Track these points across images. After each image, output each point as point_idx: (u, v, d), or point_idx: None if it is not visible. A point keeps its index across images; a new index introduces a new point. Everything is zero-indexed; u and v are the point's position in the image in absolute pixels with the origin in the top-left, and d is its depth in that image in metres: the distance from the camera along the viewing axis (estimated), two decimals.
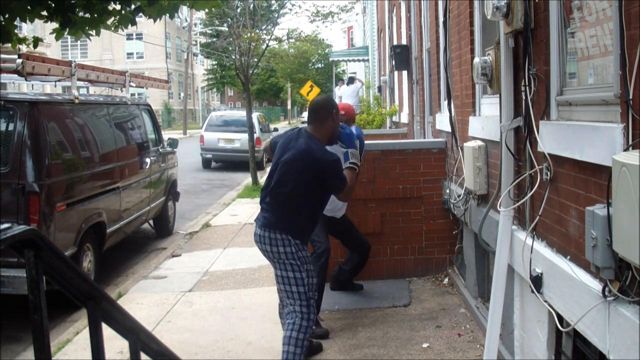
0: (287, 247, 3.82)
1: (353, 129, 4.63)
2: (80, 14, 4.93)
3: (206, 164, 19.22)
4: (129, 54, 52.33)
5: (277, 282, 3.95)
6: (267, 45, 15.97)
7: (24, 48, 7.27)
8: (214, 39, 31.94)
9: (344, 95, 18.89)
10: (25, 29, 21.75)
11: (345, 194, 4.00)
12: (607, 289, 2.35)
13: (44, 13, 4.88)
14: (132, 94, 8.83)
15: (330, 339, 4.74)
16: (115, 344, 3.00)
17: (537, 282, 3.13)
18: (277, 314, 5.30)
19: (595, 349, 2.64)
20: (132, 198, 7.68)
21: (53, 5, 4.79)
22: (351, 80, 19.96)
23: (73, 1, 4.80)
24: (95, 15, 4.87)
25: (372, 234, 6.07)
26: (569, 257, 2.87)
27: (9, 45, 5.23)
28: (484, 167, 4.50)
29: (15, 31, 5.25)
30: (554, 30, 3.11)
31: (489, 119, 4.41)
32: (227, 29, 16.15)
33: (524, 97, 3.39)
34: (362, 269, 5.69)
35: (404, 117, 11.13)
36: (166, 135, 11.12)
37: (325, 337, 4.69)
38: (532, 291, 3.17)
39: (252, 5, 15.51)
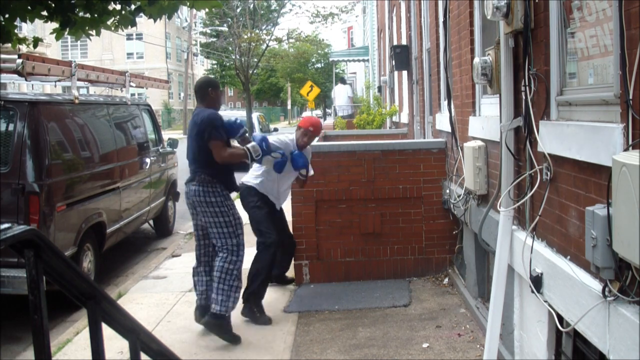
0: (219, 195, 4.72)
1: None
2: (80, 14, 4.94)
3: None
4: (129, 54, 52.34)
5: (199, 230, 4.91)
6: (267, 46, 15.98)
7: (24, 48, 7.27)
8: (214, 39, 31.96)
9: (337, 96, 18.94)
10: (25, 29, 21.75)
11: (220, 155, 4.65)
12: (607, 289, 2.35)
13: (44, 13, 4.88)
14: (132, 94, 8.82)
15: (330, 339, 4.74)
16: (115, 344, 3.00)
17: (537, 282, 3.13)
18: (277, 314, 5.30)
19: (595, 349, 2.64)
20: (132, 198, 7.68)
21: (53, 5, 4.79)
22: (343, 81, 20.16)
23: (73, 1, 4.80)
24: (96, 15, 4.88)
25: (372, 234, 6.07)
26: (569, 257, 2.87)
27: (9, 45, 5.24)
28: (484, 167, 4.51)
29: (15, 31, 5.26)
30: (554, 30, 3.11)
31: (489, 119, 4.41)
32: (227, 29, 16.14)
33: (524, 97, 3.39)
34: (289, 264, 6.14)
35: (404, 117, 11.13)
36: (166, 135, 11.11)
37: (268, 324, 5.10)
38: (532, 291, 3.17)
39: (252, 6, 15.52)
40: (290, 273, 6.38)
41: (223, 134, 4.70)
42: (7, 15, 4.78)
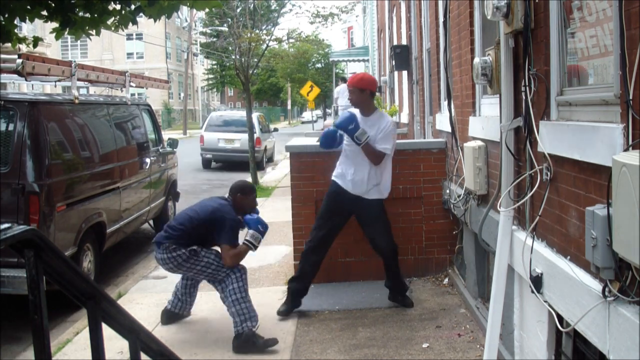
0: (186, 251, 4.81)
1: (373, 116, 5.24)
2: (80, 13, 4.93)
3: (206, 164, 19.21)
4: (129, 54, 52.35)
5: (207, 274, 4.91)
6: (267, 46, 15.96)
7: (24, 48, 7.27)
8: (214, 39, 31.93)
9: (341, 95, 18.95)
10: (25, 29, 21.75)
11: (227, 255, 4.77)
12: (607, 289, 2.35)
13: (44, 13, 4.88)
14: (132, 94, 8.82)
15: (330, 339, 4.74)
16: (115, 344, 3.00)
17: (537, 282, 3.13)
18: (277, 315, 5.30)
19: (595, 349, 2.64)
20: (132, 198, 7.68)
21: (53, 5, 4.79)
22: (344, 80, 20.18)
23: (73, 1, 4.80)
24: (96, 15, 4.87)
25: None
26: (569, 257, 2.87)
27: (9, 45, 5.23)
28: (484, 167, 4.51)
29: (15, 31, 5.25)
30: (554, 30, 3.11)
31: (489, 119, 4.41)
32: (227, 29, 16.14)
33: (524, 97, 3.39)
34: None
35: (404, 117, 11.13)
36: (166, 135, 11.12)
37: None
38: (532, 291, 3.17)
39: (252, 6, 15.51)
40: (290, 273, 6.37)
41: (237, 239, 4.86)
42: (7, 15, 4.77)
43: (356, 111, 5.24)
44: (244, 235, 4.87)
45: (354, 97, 5.22)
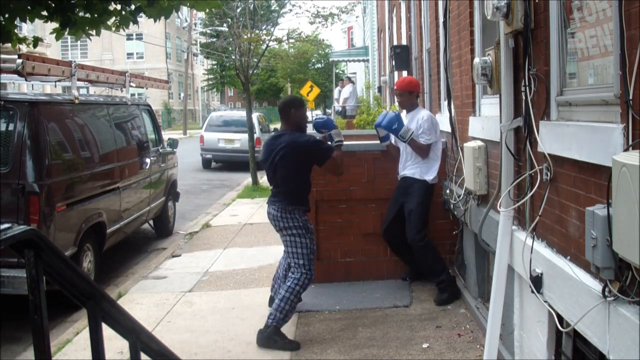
0: (299, 220, 4.77)
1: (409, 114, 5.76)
2: (81, 14, 4.94)
3: (206, 164, 19.22)
4: (129, 54, 52.33)
5: (285, 250, 4.90)
6: (267, 46, 15.96)
7: (24, 48, 7.28)
8: (214, 39, 31.92)
9: (351, 96, 19.03)
10: (25, 29, 21.74)
11: (337, 166, 4.99)
12: (607, 289, 2.35)
13: (44, 13, 4.88)
14: (132, 94, 8.82)
15: (330, 339, 4.74)
16: (115, 344, 3.00)
17: (537, 282, 3.13)
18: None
19: (595, 349, 2.64)
20: (132, 198, 7.68)
21: (53, 5, 4.79)
22: (350, 80, 20.28)
23: (73, 1, 4.80)
24: (96, 15, 4.88)
25: (372, 234, 6.07)
26: (569, 257, 2.87)
27: (9, 45, 5.24)
28: (484, 167, 4.50)
29: (15, 31, 5.25)
30: (554, 30, 3.11)
31: (489, 119, 4.41)
32: (227, 29, 16.14)
33: (524, 98, 3.39)
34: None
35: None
36: (166, 135, 11.12)
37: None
38: (532, 291, 3.17)
39: (252, 6, 15.51)
40: None
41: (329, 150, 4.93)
42: (7, 15, 4.78)
43: (402, 112, 5.76)
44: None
45: (404, 99, 5.75)
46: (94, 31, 5.07)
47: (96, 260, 6.54)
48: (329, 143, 5.03)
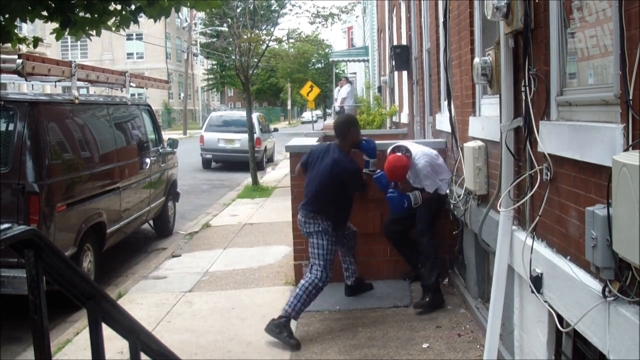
0: (320, 225, 5.05)
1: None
2: (81, 14, 4.93)
3: (206, 164, 19.22)
4: (129, 54, 52.34)
5: (310, 251, 5.17)
6: (267, 46, 15.96)
7: (24, 48, 7.27)
8: (214, 39, 31.93)
9: (349, 96, 19.05)
10: (25, 29, 21.74)
11: (361, 194, 5.49)
12: (607, 289, 2.35)
13: (44, 13, 4.88)
14: (132, 94, 8.82)
15: (330, 339, 4.74)
16: (115, 344, 3.00)
17: (537, 282, 3.13)
18: (276, 314, 5.33)
19: (595, 349, 2.64)
20: (132, 198, 7.68)
21: (53, 5, 4.79)
22: (348, 80, 20.37)
23: (73, 1, 4.80)
24: (96, 15, 4.88)
25: (372, 234, 6.07)
26: (569, 257, 2.87)
27: (9, 45, 5.24)
28: (484, 167, 4.50)
29: (15, 31, 5.25)
30: (554, 30, 3.11)
31: (489, 119, 4.41)
32: (227, 29, 16.15)
33: (524, 98, 3.39)
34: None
35: (404, 118, 11.13)
36: (166, 135, 11.12)
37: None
38: (532, 291, 3.17)
39: (252, 6, 15.51)
40: (290, 273, 6.39)
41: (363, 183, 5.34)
42: (7, 15, 4.77)
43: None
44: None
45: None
46: (94, 31, 5.06)
47: (96, 260, 6.54)
48: (365, 170, 5.41)
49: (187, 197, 12.40)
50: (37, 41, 5.46)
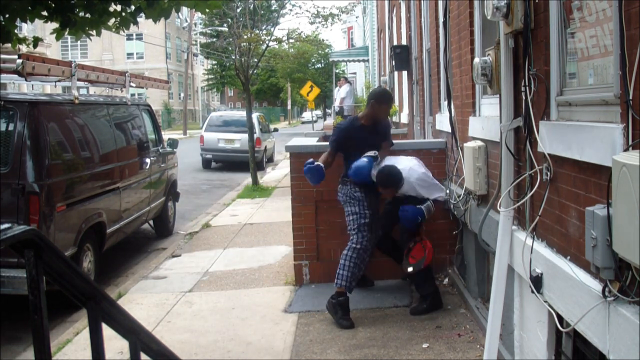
0: (341, 194, 5.36)
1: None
2: (81, 14, 4.93)
3: (206, 164, 19.22)
4: (129, 54, 52.36)
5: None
6: (267, 46, 15.96)
7: (24, 48, 7.27)
8: (214, 39, 31.92)
9: (348, 95, 19.08)
10: (25, 29, 21.74)
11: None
12: (607, 289, 2.35)
13: (44, 13, 4.88)
14: (132, 94, 8.82)
15: (330, 339, 4.74)
16: (115, 344, 3.00)
17: (537, 282, 3.13)
18: (276, 314, 5.34)
19: (595, 349, 2.64)
20: (132, 198, 7.68)
21: (53, 5, 4.79)
22: (347, 80, 20.42)
23: (73, 1, 4.80)
24: (96, 15, 4.88)
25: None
26: (569, 257, 2.87)
27: (9, 45, 5.23)
28: (484, 167, 4.50)
29: (15, 31, 5.25)
30: (554, 30, 3.11)
31: (489, 119, 4.41)
32: (227, 29, 16.15)
33: (524, 98, 3.39)
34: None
35: (404, 118, 11.13)
36: (166, 135, 11.12)
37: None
38: (532, 291, 3.17)
39: (252, 6, 15.51)
40: (290, 273, 6.39)
41: None
42: (7, 15, 4.77)
43: None
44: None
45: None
46: (94, 31, 5.06)
47: (96, 260, 6.54)
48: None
49: (187, 197, 12.40)
50: (37, 41, 5.46)
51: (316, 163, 5.31)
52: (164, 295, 6.09)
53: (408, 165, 5.40)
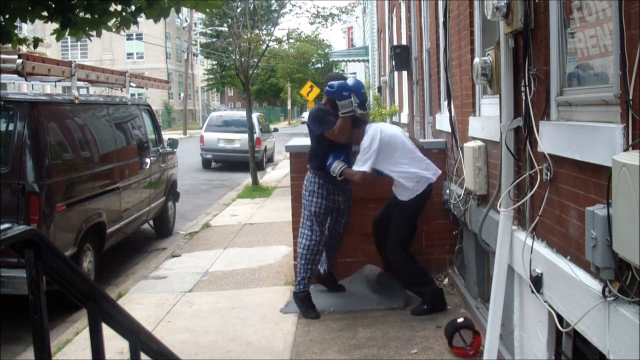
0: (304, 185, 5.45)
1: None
2: (81, 14, 4.93)
3: (206, 164, 19.23)
4: (129, 54, 52.34)
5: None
6: (267, 46, 15.96)
7: (24, 48, 7.27)
8: (214, 39, 31.92)
9: None
10: (26, 29, 21.74)
11: (336, 135, 5.17)
12: (607, 289, 2.35)
13: (44, 13, 4.88)
14: (132, 94, 8.82)
15: (330, 339, 4.74)
16: (115, 344, 3.00)
17: (537, 282, 3.13)
18: (276, 314, 5.33)
19: (595, 349, 2.64)
20: (132, 198, 7.68)
21: (53, 5, 4.79)
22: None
23: (73, 2, 4.80)
24: (96, 16, 4.88)
25: (372, 234, 6.06)
26: (569, 257, 2.87)
27: (9, 45, 5.23)
28: (484, 167, 4.51)
29: (16, 31, 5.25)
30: (554, 30, 3.11)
31: (489, 119, 4.41)
32: (227, 29, 16.15)
33: (524, 98, 3.39)
34: None
35: (404, 118, 11.13)
36: (166, 135, 11.12)
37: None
38: (532, 291, 3.17)
39: (252, 6, 15.51)
40: (290, 273, 6.39)
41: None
42: (7, 16, 4.77)
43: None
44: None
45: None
46: (94, 32, 5.06)
47: (96, 260, 6.54)
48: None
49: (187, 197, 12.40)
50: (37, 41, 5.46)
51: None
52: (164, 295, 6.09)
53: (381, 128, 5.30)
